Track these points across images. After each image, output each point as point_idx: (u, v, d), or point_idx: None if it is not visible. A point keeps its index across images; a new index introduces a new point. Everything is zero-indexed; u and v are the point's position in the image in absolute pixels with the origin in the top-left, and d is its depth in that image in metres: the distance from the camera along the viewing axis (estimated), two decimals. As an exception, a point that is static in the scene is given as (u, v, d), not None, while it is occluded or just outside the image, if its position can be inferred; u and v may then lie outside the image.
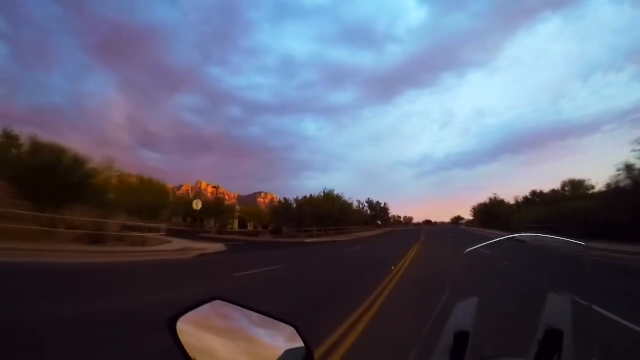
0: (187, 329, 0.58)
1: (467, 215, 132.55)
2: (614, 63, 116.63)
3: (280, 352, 0.57)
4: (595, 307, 5.02)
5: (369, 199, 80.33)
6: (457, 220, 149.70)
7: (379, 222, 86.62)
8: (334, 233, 37.56)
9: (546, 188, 48.86)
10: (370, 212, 78.86)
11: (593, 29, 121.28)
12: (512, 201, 61.54)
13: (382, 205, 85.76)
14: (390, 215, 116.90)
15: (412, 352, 0.97)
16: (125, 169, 22.21)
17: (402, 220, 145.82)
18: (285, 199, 44.52)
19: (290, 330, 0.59)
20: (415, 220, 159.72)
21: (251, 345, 0.58)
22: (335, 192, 44.60)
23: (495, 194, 70.07)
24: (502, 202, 66.80)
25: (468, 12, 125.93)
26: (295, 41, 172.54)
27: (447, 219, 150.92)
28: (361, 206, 75.25)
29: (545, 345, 0.79)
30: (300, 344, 0.59)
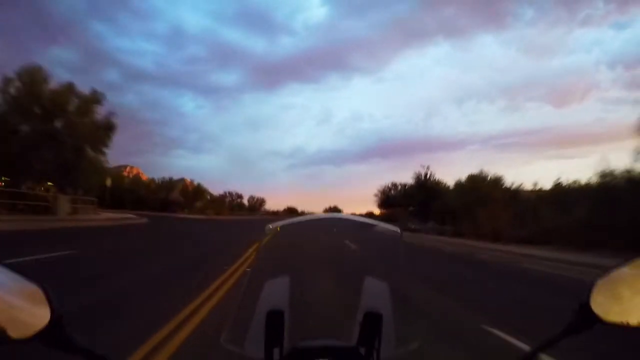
0: None
1: (346, 207, 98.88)
2: (488, 95, 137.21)
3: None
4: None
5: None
6: (332, 211, 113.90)
7: (175, 201, 46.58)
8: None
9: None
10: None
11: (477, 62, 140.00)
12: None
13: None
14: (219, 194, 74.94)
15: (224, 331, 0.91)
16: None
17: (244, 202, 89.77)
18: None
19: (35, 290, 0.50)
20: (273, 207, 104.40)
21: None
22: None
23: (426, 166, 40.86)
24: (437, 183, 39.89)
25: (366, 22, 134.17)
26: (189, 12, 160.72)
27: (317, 209, 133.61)
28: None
29: (365, 328, 0.81)
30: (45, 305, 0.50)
